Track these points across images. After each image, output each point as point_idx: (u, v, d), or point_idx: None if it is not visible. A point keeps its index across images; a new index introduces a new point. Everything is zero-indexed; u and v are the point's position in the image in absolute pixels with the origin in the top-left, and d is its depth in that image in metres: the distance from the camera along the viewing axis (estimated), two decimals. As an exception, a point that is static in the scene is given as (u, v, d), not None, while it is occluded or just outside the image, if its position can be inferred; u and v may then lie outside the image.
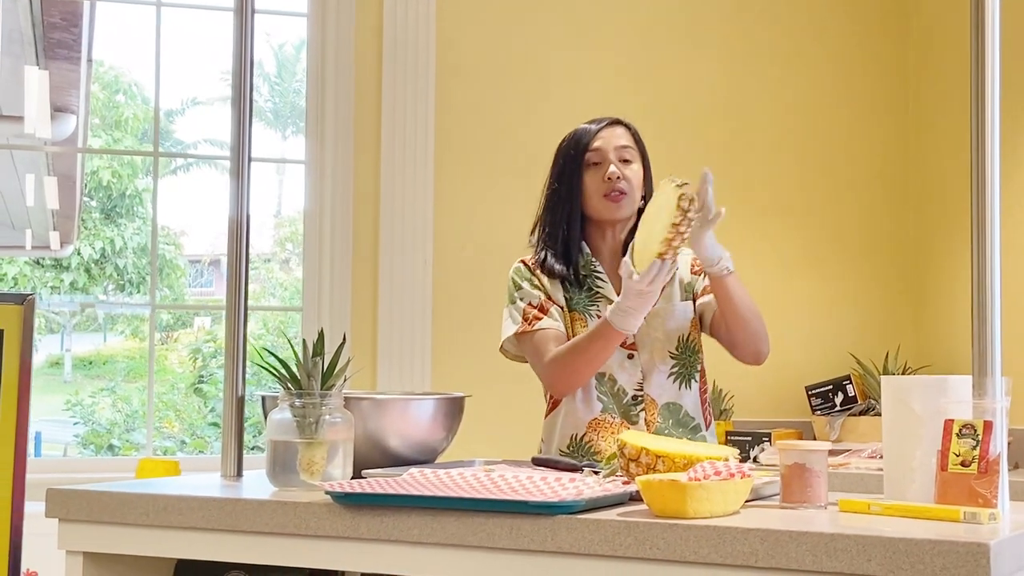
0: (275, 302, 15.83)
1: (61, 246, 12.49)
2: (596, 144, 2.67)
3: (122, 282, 15.48)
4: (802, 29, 4.43)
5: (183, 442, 12.91)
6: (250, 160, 2.47)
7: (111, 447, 13.06)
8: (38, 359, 17.02)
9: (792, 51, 4.42)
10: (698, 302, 2.67)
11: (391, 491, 1.86)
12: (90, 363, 17.28)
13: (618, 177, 2.62)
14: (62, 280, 15.08)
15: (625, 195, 2.63)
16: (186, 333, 15.91)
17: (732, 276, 2.52)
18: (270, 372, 2.10)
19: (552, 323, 2.60)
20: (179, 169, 17.41)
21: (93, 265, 15.29)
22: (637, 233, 2.43)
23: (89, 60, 6.32)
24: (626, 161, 2.65)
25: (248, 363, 2.42)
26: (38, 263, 15.03)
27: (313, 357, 2.10)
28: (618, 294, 2.62)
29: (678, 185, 2.35)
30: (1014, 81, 3.75)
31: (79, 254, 14.95)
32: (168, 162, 16.98)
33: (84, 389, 15.35)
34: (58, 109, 6.53)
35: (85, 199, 14.94)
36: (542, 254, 2.68)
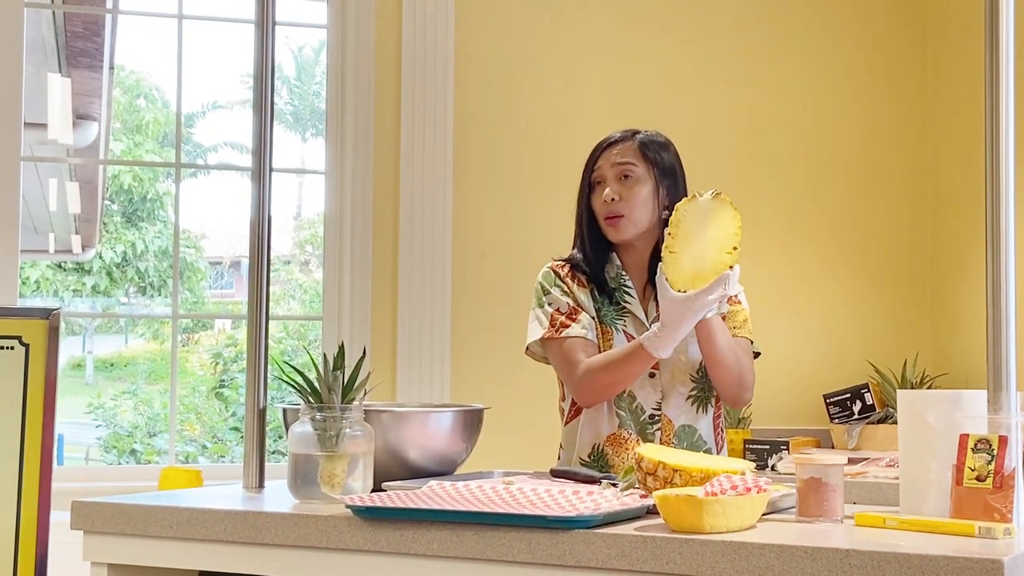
0: (295, 304, 15.88)
1: (83, 250, 12.57)
2: (598, 164, 2.65)
3: (143, 285, 15.57)
4: (819, 37, 4.44)
5: (204, 446, 12.96)
6: (271, 171, 2.49)
7: (133, 452, 13.11)
8: (59, 361, 17.11)
9: (810, 61, 4.42)
10: None
11: (411, 505, 1.88)
12: (112, 365, 17.37)
13: (612, 199, 2.59)
14: (84, 284, 15.18)
15: (622, 217, 2.59)
16: (207, 335, 15.97)
17: (718, 318, 2.51)
18: (291, 386, 2.13)
19: (580, 331, 2.58)
20: (199, 172, 17.49)
21: (115, 268, 15.39)
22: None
23: (111, 68, 6.37)
24: (626, 177, 2.60)
25: (270, 368, 2.45)
26: (60, 267, 15.13)
27: (333, 371, 2.12)
28: (645, 310, 2.62)
29: (716, 194, 2.34)
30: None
31: (101, 258, 15.05)
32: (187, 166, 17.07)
33: (106, 391, 15.42)
34: (80, 116, 6.58)
35: (107, 203, 15.03)
36: (574, 260, 2.68)
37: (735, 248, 2.31)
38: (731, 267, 2.31)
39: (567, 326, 2.59)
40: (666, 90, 4.32)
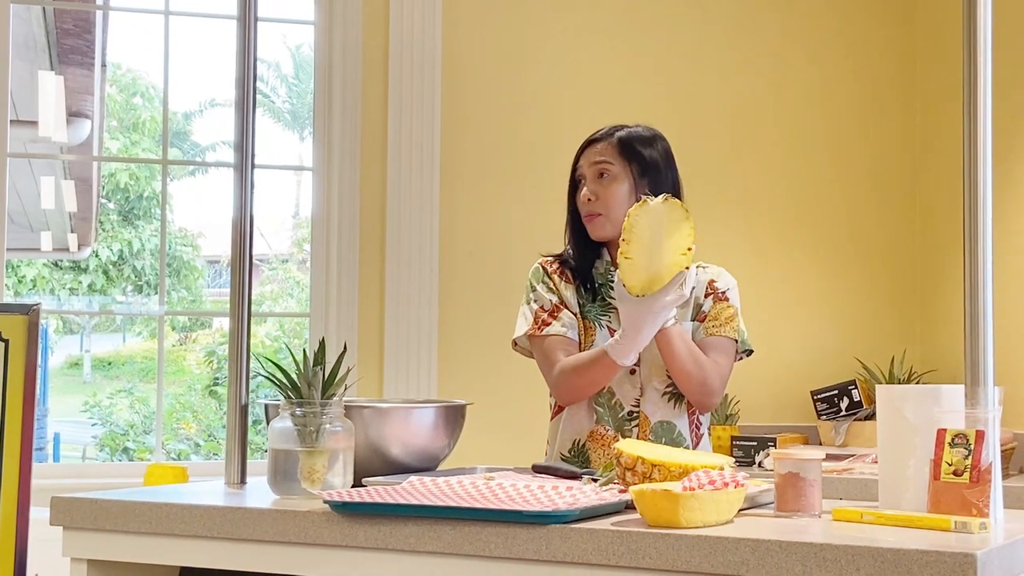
0: (292, 302, 15.90)
1: (79, 248, 12.57)
2: (579, 163, 2.67)
3: (140, 283, 15.58)
4: (807, 32, 4.43)
5: (197, 444, 12.98)
6: (253, 167, 2.49)
7: (126, 450, 13.14)
8: (57, 360, 17.15)
9: (798, 55, 4.42)
10: (693, 323, 2.65)
11: (388, 500, 1.88)
12: (109, 364, 17.39)
13: (588, 199, 2.61)
14: (80, 282, 15.18)
15: (600, 216, 2.60)
16: (205, 334, 15.99)
17: (677, 327, 2.51)
18: (271, 381, 2.13)
19: (560, 328, 2.60)
20: (197, 171, 17.51)
21: (111, 267, 15.39)
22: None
23: (103, 66, 6.37)
24: (602, 176, 2.61)
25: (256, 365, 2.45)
26: (57, 265, 15.14)
27: (314, 366, 2.12)
28: None
29: (666, 198, 2.36)
30: (1008, 90, 3.75)
31: (97, 256, 15.05)
32: (184, 164, 17.07)
33: (103, 390, 15.45)
34: (73, 114, 6.57)
35: (103, 201, 15.04)
36: (563, 257, 2.69)
37: (690, 249, 2.33)
38: (687, 268, 2.33)
39: (548, 324, 2.62)
40: (653, 88, 4.32)
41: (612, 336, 2.58)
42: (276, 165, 23.13)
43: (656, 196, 2.58)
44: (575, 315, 2.63)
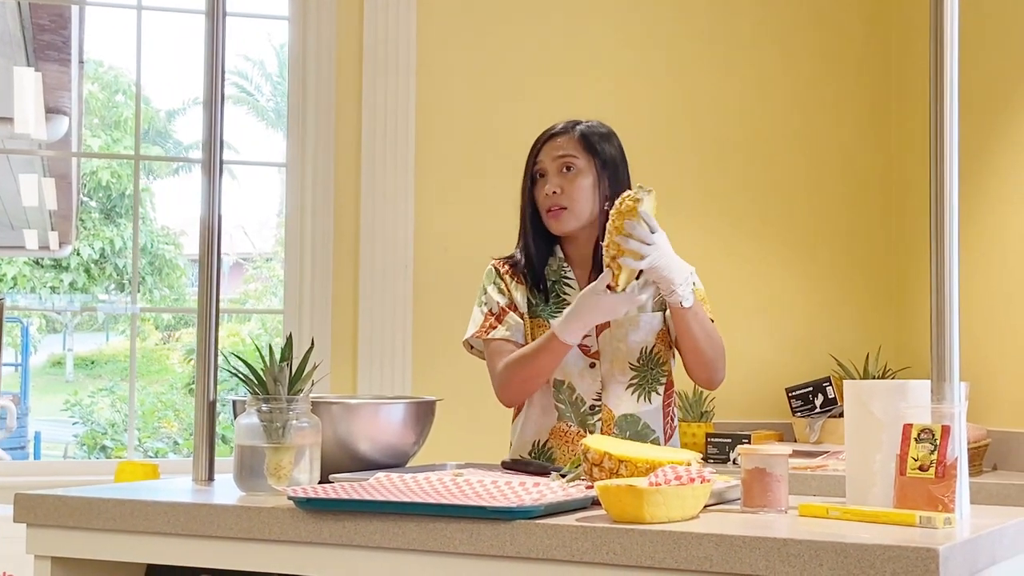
0: (276, 300, 15.87)
1: (60, 246, 12.54)
2: (539, 157, 2.65)
3: (122, 282, 15.55)
4: (785, 33, 4.43)
5: (176, 443, 12.94)
6: (221, 163, 2.49)
7: (104, 448, 13.09)
8: (40, 359, 17.10)
9: (774, 55, 4.42)
10: (667, 312, 2.62)
11: (353, 496, 1.87)
12: (92, 363, 17.35)
13: (554, 192, 2.59)
14: (62, 280, 15.14)
15: (565, 210, 2.58)
16: (188, 332, 15.97)
17: (688, 311, 2.48)
18: (237, 377, 2.11)
19: (504, 332, 2.60)
20: (180, 170, 17.46)
21: (93, 265, 15.36)
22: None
23: (80, 62, 6.34)
24: (567, 169, 2.60)
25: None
26: (38, 263, 15.10)
27: (280, 362, 2.11)
28: None
29: (650, 192, 2.36)
30: (977, 91, 3.76)
31: (78, 254, 15.01)
32: (168, 163, 17.01)
33: (84, 389, 15.41)
34: (50, 111, 6.54)
35: (85, 199, 15.00)
36: (514, 259, 2.69)
37: (649, 244, 2.37)
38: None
39: (494, 328, 2.62)
40: (629, 86, 4.30)
41: None
42: (250, 161, 23.07)
43: (614, 192, 2.58)
44: (523, 316, 2.63)
